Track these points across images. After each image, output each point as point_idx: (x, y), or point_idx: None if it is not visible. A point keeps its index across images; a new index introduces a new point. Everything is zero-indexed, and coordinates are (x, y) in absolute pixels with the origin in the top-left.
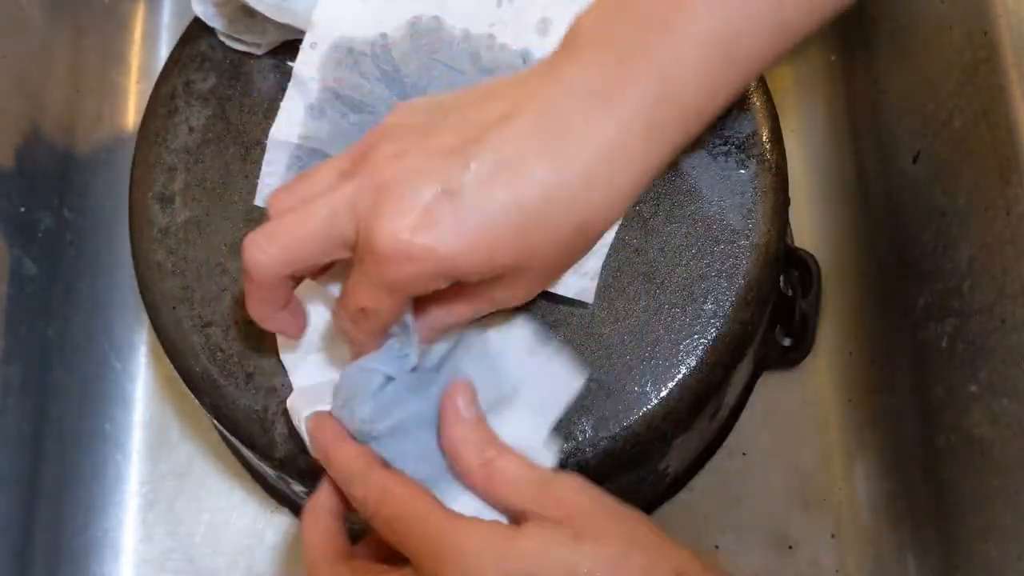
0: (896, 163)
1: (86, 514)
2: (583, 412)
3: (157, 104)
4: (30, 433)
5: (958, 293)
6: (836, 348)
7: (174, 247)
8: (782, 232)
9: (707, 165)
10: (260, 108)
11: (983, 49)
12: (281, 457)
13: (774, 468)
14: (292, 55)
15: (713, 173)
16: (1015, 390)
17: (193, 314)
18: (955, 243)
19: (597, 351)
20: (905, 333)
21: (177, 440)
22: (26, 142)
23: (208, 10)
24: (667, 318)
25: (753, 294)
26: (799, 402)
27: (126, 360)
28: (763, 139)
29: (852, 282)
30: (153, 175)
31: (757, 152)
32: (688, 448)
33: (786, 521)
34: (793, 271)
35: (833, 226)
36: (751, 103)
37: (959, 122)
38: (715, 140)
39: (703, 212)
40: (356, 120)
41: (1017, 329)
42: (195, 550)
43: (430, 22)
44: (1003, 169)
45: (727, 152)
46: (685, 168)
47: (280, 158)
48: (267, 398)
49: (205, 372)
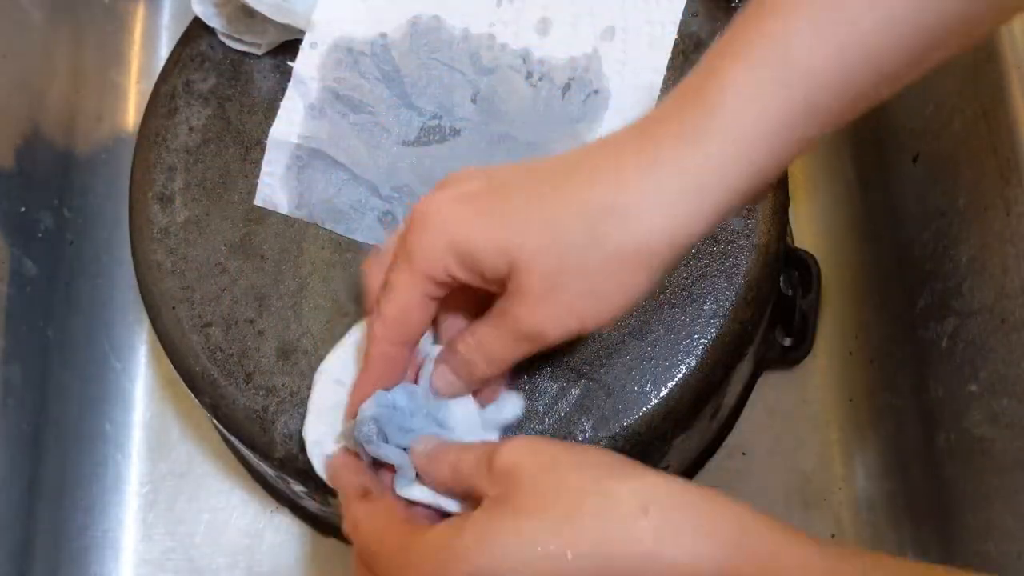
0: (896, 163)
1: (86, 514)
2: (583, 412)
3: (157, 104)
4: (30, 433)
5: (958, 293)
6: (836, 348)
7: (174, 247)
8: (782, 232)
9: None
10: (260, 108)
11: (983, 49)
12: (281, 457)
13: (774, 468)
14: (292, 55)
15: None
16: (1015, 390)
17: (193, 314)
18: (955, 243)
19: (597, 351)
20: (905, 333)
21: (177, 440)
22: (26, 142)
23: (208, 10)
24: (667, 318)
25: (753, 294)
26: (799, 402)
27: (126, 360)
28: None
29: (852, 282)
30: (153, 175)
31: None
32: (688, 448)
33: (786, 521)
34: (793, 271)
35: (833, 226)
36: None
37: (959, 122)
38: None
39: None
40: (356, 120)
41: (1017, 329)
42: (195, 550)
43: (430, 22)
44: (1003, 169)
45: None
46: None
47: (280, 158)
48: (267, 398)
49: (205, 372)
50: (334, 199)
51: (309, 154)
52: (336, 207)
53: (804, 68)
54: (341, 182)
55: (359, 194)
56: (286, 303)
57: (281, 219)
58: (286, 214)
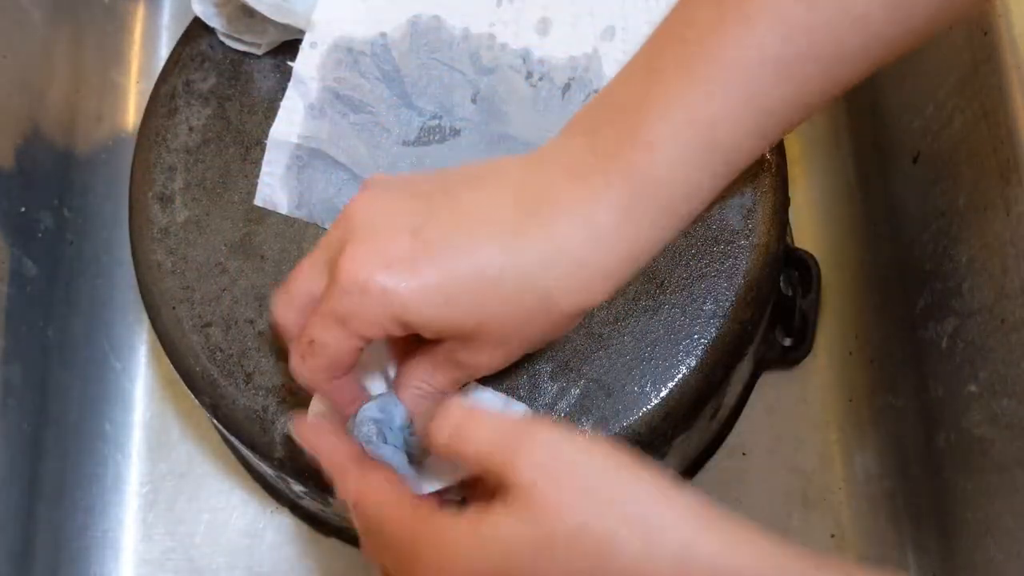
0: (896, 163)
1: (86, 514)
2: (583, 412)
3: (157, 104)
4: (30, 433)
5: (958, 293)
6: (836, 348)
7: (174, 247)
8: (782, 232)
9: None
10: (260, 108)
11: (983, 49)
12: (281, 457)
13: (774, 468)
14: (292, 55)
15: None
16: (1015, 390)
17: (193, 314)
18: (955, 243)
19: (597, 351)
20: (905, 333)
21: (177, 440)
22: (26, 142)
23: (208, 10)
24: (667, 318)
25: (753, 294)
26: (799, 402)
27: (126, 360)
28: None
29: (852, 282)
30: (153, 175)
31: None
32: (688, 448)
33: (786, 521)
34: (793, 271)
35: (833, 226)
36: None
37: (959, 122)
38: None
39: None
40: (356, 120)
41: (1017, 329)
42: (195, 550)
43: (430, 22)
44: (1003, 169)
45: None
46: None
47: (280, 158)
48: (267, 398)
49: (205, 372)
50: (334, 199)
51: (309, 154)
52: (336, 207)
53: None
54: (341, 182)
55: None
56: None
57: (281, 219)
58: (286, 214)
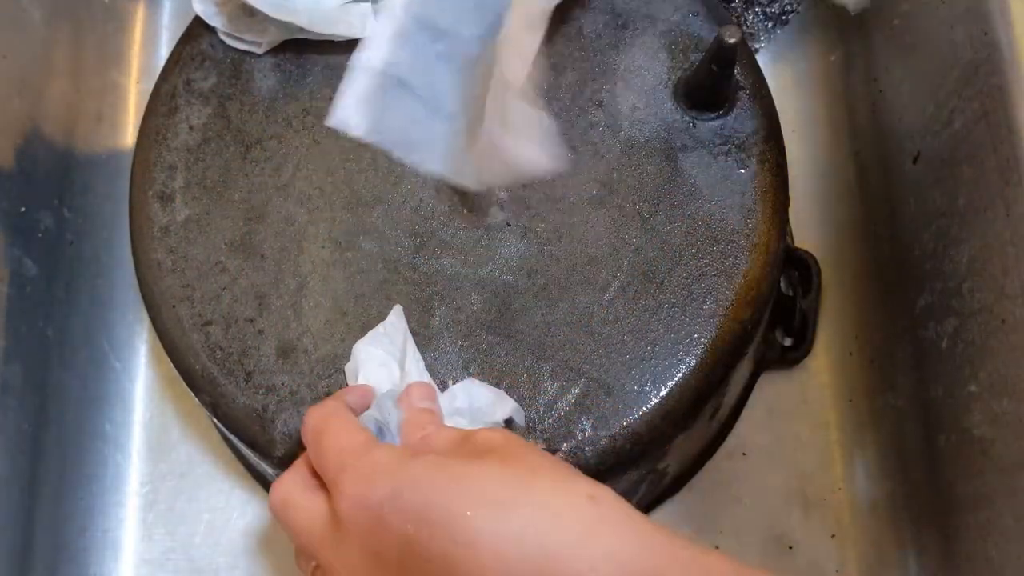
0: (896, 163)
1: (86, 514)
2: (583, 412)
3: (157, 103)
4: (30, 433)
5: (958, 293)
6: (836, 348)
7: (174, 246)
8: (782, 232)
9: (707, 165)
10: (260, 107)
11: (983, 49)
12: (281, 456)
13: (774, 468)
14: (292, 54)
15: (713, 173)
16: (1015, 390)
17: (193, 313)
18: (955, 243)
19: (597, 351)
20: (905, 333)
21: (177, 440)
22: (26, 142)
23: (209, 9)
24: (667, 318)
25: (753, 294)
26: (799, 402)
27: (126, 360)
28: (763, 139)
29: (852, 282)
30: (153, 174)
31: (757, 152)
32: (688, 448)
33: (786, 521)
34: (793, 271)
35: (833, 226)
36: (751, 103)
37: (959, 122)
38: (715, 140)
39: (703, 212)
40: (441, 49)
41: (1017, 329)
42: (195, 550)
43: None
44: (1003, 169)
45: (727, 152)
46: (685, 168)
47: (360, 82)
48: (267, 397)
49: (205, 371)
50: (409, 129)
51: (390, 82)
52: (411, 138)
53: None
54: (418, 112)
55: (434, 125)
56: (286, 302)
57: (281, 218)
58: (359, 137)
